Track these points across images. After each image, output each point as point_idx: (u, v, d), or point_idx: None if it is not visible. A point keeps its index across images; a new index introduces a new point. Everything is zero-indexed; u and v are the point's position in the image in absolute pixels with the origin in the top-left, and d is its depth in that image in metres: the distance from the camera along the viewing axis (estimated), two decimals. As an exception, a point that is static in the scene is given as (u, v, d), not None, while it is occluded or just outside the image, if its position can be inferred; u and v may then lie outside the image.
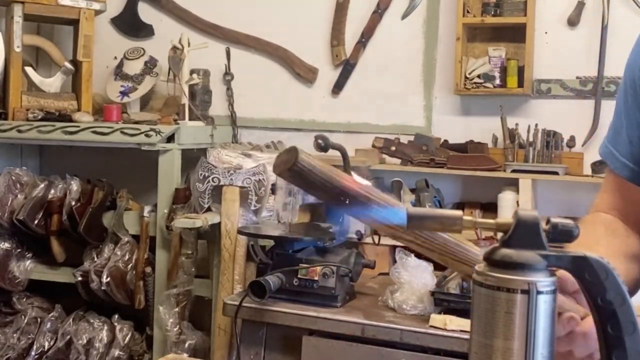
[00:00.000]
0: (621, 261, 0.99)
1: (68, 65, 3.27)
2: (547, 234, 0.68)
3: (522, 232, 0.67)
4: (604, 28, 2.84)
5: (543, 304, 0.65)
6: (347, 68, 3.24)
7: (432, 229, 0.71)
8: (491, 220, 0.70)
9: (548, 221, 0.68)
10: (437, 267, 2.14)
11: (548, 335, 0.66)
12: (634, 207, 1.13)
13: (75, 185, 3.04)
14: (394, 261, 2.29)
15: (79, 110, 3.22)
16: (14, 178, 3.11)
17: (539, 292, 0.65)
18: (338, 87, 3.26)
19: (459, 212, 0.71)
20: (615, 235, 1.06)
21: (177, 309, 2.80)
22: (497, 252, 0.67)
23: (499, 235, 0.70)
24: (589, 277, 0.68)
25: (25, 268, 3.12)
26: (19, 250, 3.14)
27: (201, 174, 2.82)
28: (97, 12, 3.33)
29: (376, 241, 2.63)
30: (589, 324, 0.73)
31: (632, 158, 1.12)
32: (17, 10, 3.13)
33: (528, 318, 0.64)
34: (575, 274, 0.69)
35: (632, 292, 0.74)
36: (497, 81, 2.93)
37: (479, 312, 0.67)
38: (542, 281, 0.66)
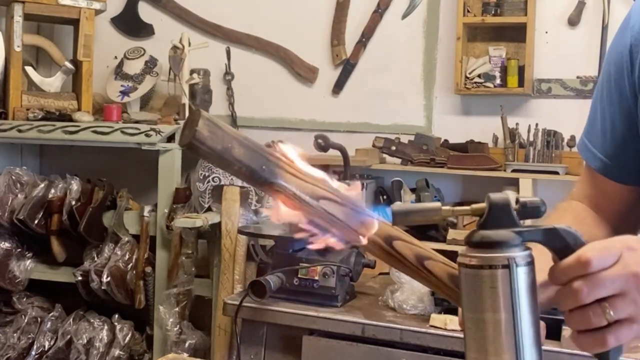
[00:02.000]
0: None
1: (68, 64, 3.27)
2: (517, 213, 0.73)
3: (496, 214, 0.73)
4: (604, 28, 2.84)
5: (523, 275, 0.71)
6: (347, 68, 3.24)
7: (416, 221, 0.76)
8: (467, 207, 0.75)
9: (517, 201, 0.74)
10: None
11: (531, 303, 0.72)
12: (604, 198, 1.16)
13: (75, 185, 3.04)
14: (395, 261, 2.28)
15: (79, 109, 3.22)
16: (14, 178, 3.11)
17: (518, 265, 0.71)
18: (338, 87, 3.26)
19: (437, 204, 0.77)
20: (582, 224, 1.09)
21: (177, 309, 2.80)
22: (476, 235, 0.73)
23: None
24: (559, 244, 0.74)
25: (26, 268, 3.12)
26: (19, 250, 3.14)
27: (201, 174, 2.82)
28: (98, 12, 3.33)
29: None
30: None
31: (604, 151, 1.15)
32: (18, 10, 3.14)
33: (512, 290, 0.71)
34: (547, 244, 0.74)
35: None
36: (498, 81, 2.93)
37: (467, 291, 0.73)
38: (520, 255, 0.72)
